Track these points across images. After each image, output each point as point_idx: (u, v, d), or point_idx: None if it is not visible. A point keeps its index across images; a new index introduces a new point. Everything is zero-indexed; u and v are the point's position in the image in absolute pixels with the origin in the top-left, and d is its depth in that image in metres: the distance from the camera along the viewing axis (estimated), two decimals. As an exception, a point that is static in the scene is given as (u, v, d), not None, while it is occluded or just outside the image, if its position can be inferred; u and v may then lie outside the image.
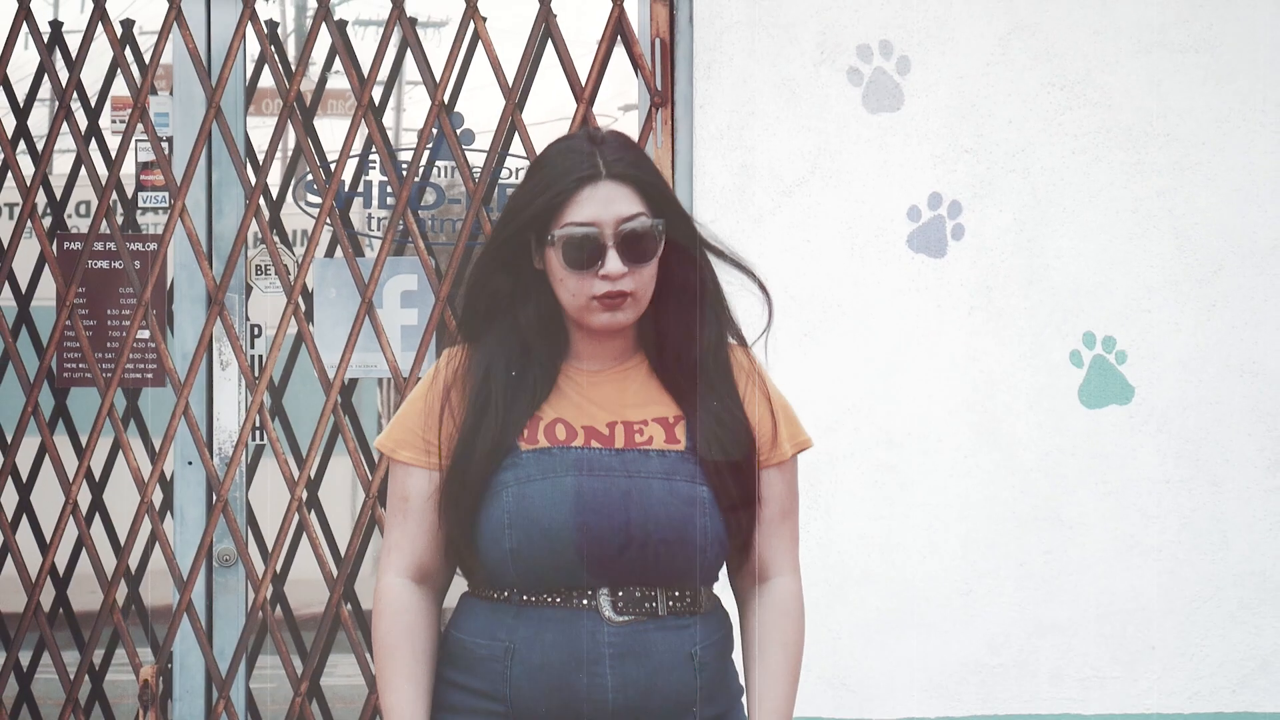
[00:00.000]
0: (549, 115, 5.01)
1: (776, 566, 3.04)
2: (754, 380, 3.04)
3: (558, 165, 2.94)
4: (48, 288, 5.33)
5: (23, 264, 5.12)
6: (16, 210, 5.74)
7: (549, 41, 4.82)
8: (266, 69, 5.19)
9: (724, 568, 3.04)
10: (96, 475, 5.73)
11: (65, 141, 4.91)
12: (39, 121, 5.79)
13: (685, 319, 3.00)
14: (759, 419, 3.02)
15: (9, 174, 5.33)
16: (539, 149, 4.76)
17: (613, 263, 2.89)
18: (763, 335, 3.09)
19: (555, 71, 4.86)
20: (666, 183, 3.01)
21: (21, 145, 5.64)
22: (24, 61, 4.95)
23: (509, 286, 2.98)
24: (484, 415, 2.93)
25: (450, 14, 5.13)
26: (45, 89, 5.50)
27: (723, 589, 3.02)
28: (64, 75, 4.93)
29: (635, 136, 4.83)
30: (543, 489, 2.88)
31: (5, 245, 5.00)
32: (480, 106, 5.09)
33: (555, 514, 2.88)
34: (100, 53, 5.03)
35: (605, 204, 2.90)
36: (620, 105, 4.79)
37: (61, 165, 5.14)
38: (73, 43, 5.42)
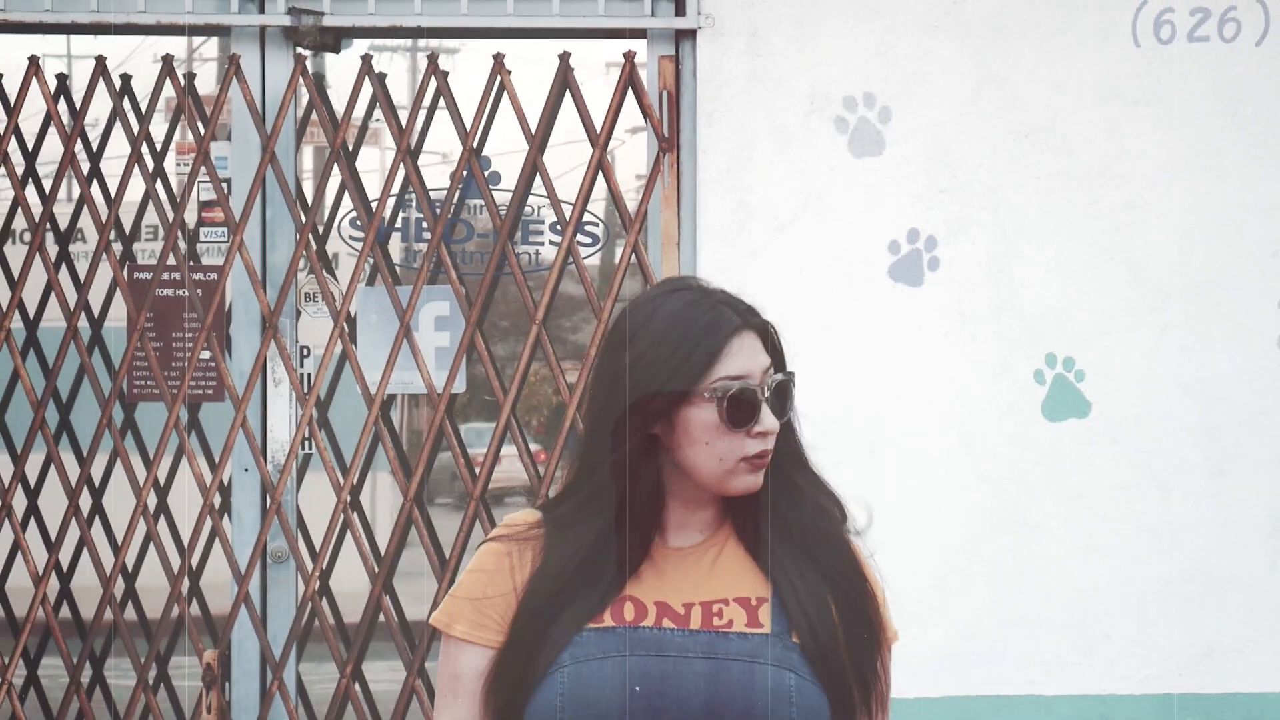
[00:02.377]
0: (563, 149, 5.02)
1: None
2: (861, 563, 2.48)
3: (695, 320, 2.39)
4: (118, 312, 5.33)
5: (96, 291, 5.09)
6: (70, 238, 5.76)
7: (566, 91, 4.80)
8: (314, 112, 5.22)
9: None
10: (162, 481, 5.70)
11: (133, 177, 4.89)
12: (107, 159, 5.80)
13: (779, 484, 2.45)
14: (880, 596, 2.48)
15: (84, 209, 5.39)
16: (557, 187, 4.85)
17: (768, 419, 2.38)
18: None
19: (566, 110, 4.85)
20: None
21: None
22: (96, 108, 4.97)
23: (621, 455, 2.40)
24: (565, 596, 2.39)
25: (461, 43, 5.10)
26: (116, 133, 5.54)
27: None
28: (134, 122, 4.98)
29: (643, 171, 4.84)
30: (602, 669, 2.34)
31: (83, 275, 5.05)
32: (498, 139, 5.11)
33: (616, 697, 2.33)
34: (144, 94, 5.04)
35: (752, 355, 2.39)
36: (628, 128, 4.79)
37: (130, 200, 5.13)
38: (140, 93, 5.45)
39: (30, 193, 5.19)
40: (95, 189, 5.53)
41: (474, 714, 2.41)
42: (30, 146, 5.54)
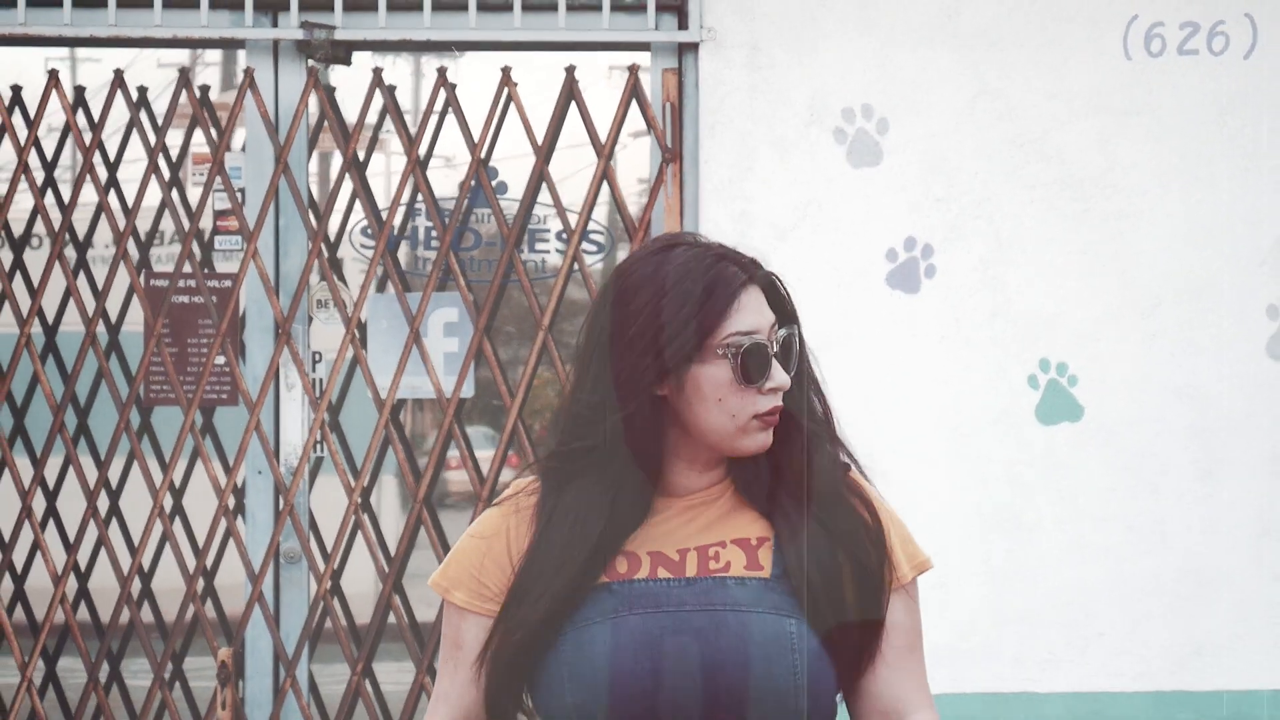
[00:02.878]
0: (567, 153, 5.01)
1: (911, 704, 2.29)
2: (870, 490, 2.35)
3: (701, 273, 2.26)
4: (135, 317, 5.33)
5: (114, 297, 5.09)
6: (91, 245, 5.76)
7: (571, 102, 4.81)
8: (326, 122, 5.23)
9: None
10: (178, 483, 5.68)
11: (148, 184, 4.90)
12: (125, 169, 5.80)
13: (786, 437, 2.30)
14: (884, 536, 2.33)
15: (102, 217, 5.40)
16: (561, 192, 4.86)
17: (780, 375, 2.26)
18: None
19: (571, 115, 4.87)
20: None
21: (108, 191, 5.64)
22: (114, 117, 4.99)
23: (624, 417, 2.25)
24: (562, 561, 2.24)
25: (469, 55, 5.11)
26: (133, 143, 5.50)
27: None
28: (150, 133, 5.00)
29: (645, 175, 4.84)
30: (603, 633, 2.21)
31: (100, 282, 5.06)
32: (503, 143, 5.10)
33: (620, 662, 2.19)
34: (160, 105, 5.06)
35: (759, 310, 2.26)
36: (631, 133, 4.78)
37: (146, 209, 5.13)
38: (158, 106, 5.43)
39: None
40: (110, 197, 5.54)
41: (477, 684, 2.29)
42: (50, 156, 5.57)
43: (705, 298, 2.23)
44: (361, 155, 5.26)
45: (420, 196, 5.00)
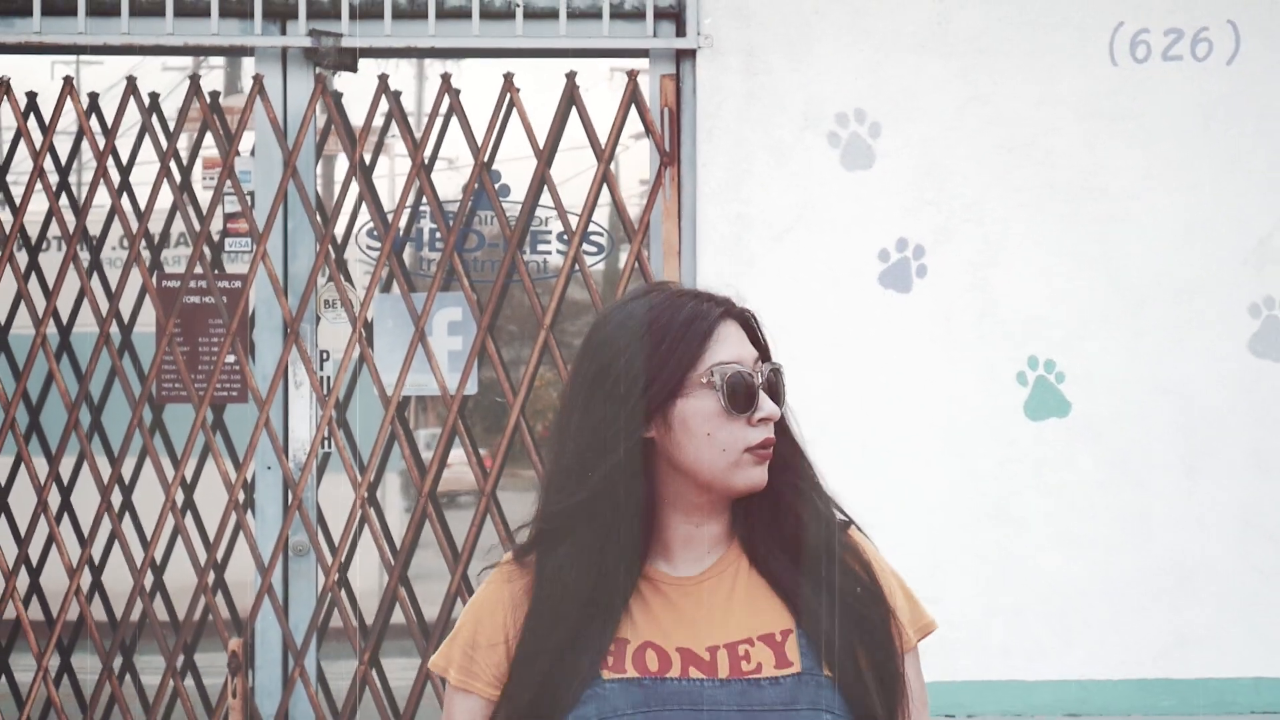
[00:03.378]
0: (566, 155, 5.01)
1: None
2: (871, 555, 2.25)
3: (676, 311, 2.17)
4: (146, 318, 5.33)
5: (126, 298, 5.10)
6: (101, 247, 5.75)
7: (572, 107, 4.82)
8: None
9: None
10: (189, 479, 5.67)
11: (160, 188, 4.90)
12: (134, 173, 5.80)
13: (778, 494, 2.20)
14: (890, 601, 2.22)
15: (114, 220, 5.41)
16: (561, 194, 4.84)
17: (768, 405, 2.16)
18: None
19: (573, 122, 4.86)
20: None
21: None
22: (126, 123, 5.00)
23: (608, 470, 2.13)
24: (562, 638, 2.13)
25: (473, 61, 5.10)
26: (144, 147, 5.49)
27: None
28: (162, 138, 5.02)
29: (646, 176, 4.84)
30: None
31: (114, 284, 5.04)
32: (504, 144, 5.09)
33: None
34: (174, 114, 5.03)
35: (740, 343, 2.18)
36: (632, 134, 4.80)
37: (158, 212, 5.15)
38: (169, 110, 5.41)
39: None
40: (122, 200, 5.54)
41: None
42: (64, 160, 5.59)
43: (684, 330, 2.14)
44: (368, 159, 5.27)
45: (425, 199, 5.00)
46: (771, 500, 2.19)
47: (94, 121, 5.43)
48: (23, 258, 5.35)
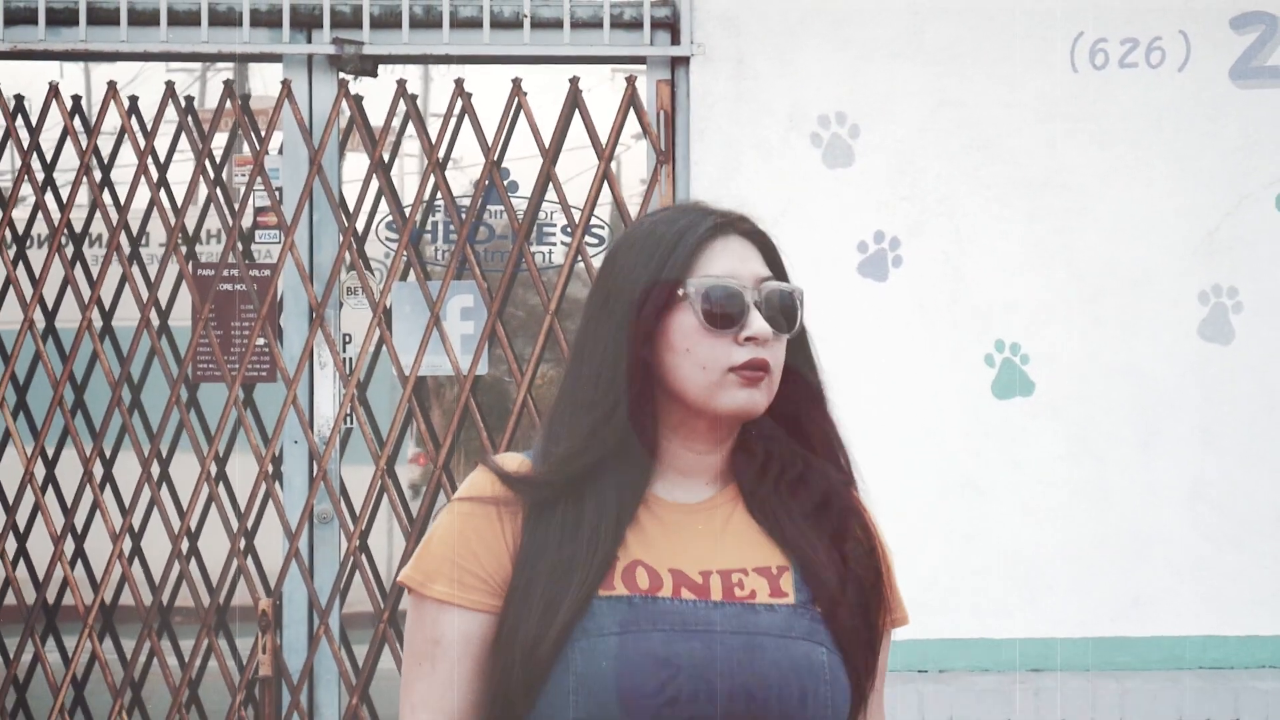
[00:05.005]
0: (569, 154, 5.02)
1: None
2: (873, 533, 2.04)
3: (673, 224, 1.96)
4: (181, 306, 5.34)
5: (164, 287, 5.14)
6: (144, 240, 5.77)
7: (576, 110, 4.82)
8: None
9: None
10: (222, 452, 5.58)
11: (196, 184, 4.90)
12: (172, 170, 5.78)
13: (790, 440, 1.99)
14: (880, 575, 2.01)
15: (154, 213, 5.45)
16: (565, 191, 4.74)
17: (758, 324, 1.91)
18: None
19: (577, 123, 4.84)
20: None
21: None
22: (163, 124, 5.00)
23: (613, 393, 1.91)
24: (567, 552, 1.89)
25: (484, 67, 5.09)
26: (181, 145, 5.50)
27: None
28: (197, 138, 5.05)
29: (644, 174, 4.82)
30: (620, 647, 1.84)
31: (152, 273, 5.04)
32: (515, 147, 5.06)
33: (637, 681, 1.83)
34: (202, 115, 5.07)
35: (741, 260, 1.94)
36: (632, 134, 4.80)
37: (193, 206, 5.11)
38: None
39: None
40: (160, 196, 5.56)
41: (460, 685, 1.90)
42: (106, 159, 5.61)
43: (674, 244, 1.93)
44: (386, 157, 5.30)
45: (439, 195, 5.01)
46: (782, 440, 1.97)
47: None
48: (68, 251, 5.35)
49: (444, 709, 1.89)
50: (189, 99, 5.42)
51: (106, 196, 5.41)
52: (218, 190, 5.22)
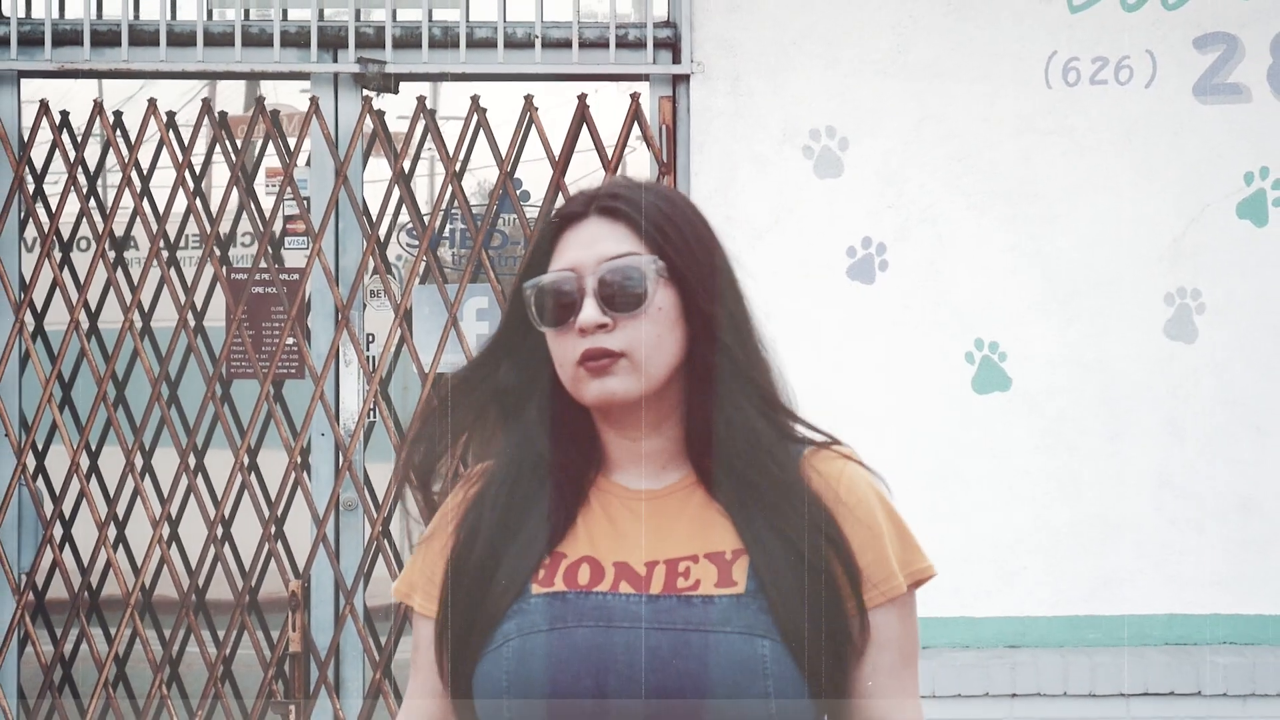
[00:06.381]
0: (575, 159, 5.04)
1: None
2: (847, 490, 1.86)
3: (544, 222, 1.84)
4: (216, 308, 5.30)
5: (199, 290, 5.10)
6: (177, 246, 5.74)
7: (584, 124, 4.82)
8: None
9: None
10: (254, 444, 5.36)
11: (230, 194, 4.91)
12: (206, 181, 5.77)
13: (727, 409, 1.79)
14: (858, 544, 1.81)
15: (189, 220, 5.41)
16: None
17: (587, 313, 1.73)
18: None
19: (584, 135, 4.83)
20: (690, 219, 1.82)
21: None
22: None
23: (516, 379, 1.81)
24: (485, 547, 1.78)
25: (498, 84, 5.11)
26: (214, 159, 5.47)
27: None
28: (231, 152, 5.01)
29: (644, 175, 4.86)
30: (547, 644, 1.72)
31: (189, 278, 5.05)
32: (528, 158, 5.05)
33: (562, 677, 1.71)
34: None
35: (588, 245, 1.76)
36: (634, 147, 4.80)
37: (226, 214, 5.11)
38: (235, 126, 5.39)
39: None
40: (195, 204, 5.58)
41: (433, 688, 1.84)
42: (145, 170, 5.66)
43: (534, 243, 1.82)
44: (406, 168, 5.35)
45: (456, 203, 5.02)
46: (722, 417, 1.79)
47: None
48: (110, 256, 5.35)
49: (423, 709, 1.86)
50: (223, 114, 5.47)
51: (146, 205, 5.44)
52: (249, 200, 5.26)
